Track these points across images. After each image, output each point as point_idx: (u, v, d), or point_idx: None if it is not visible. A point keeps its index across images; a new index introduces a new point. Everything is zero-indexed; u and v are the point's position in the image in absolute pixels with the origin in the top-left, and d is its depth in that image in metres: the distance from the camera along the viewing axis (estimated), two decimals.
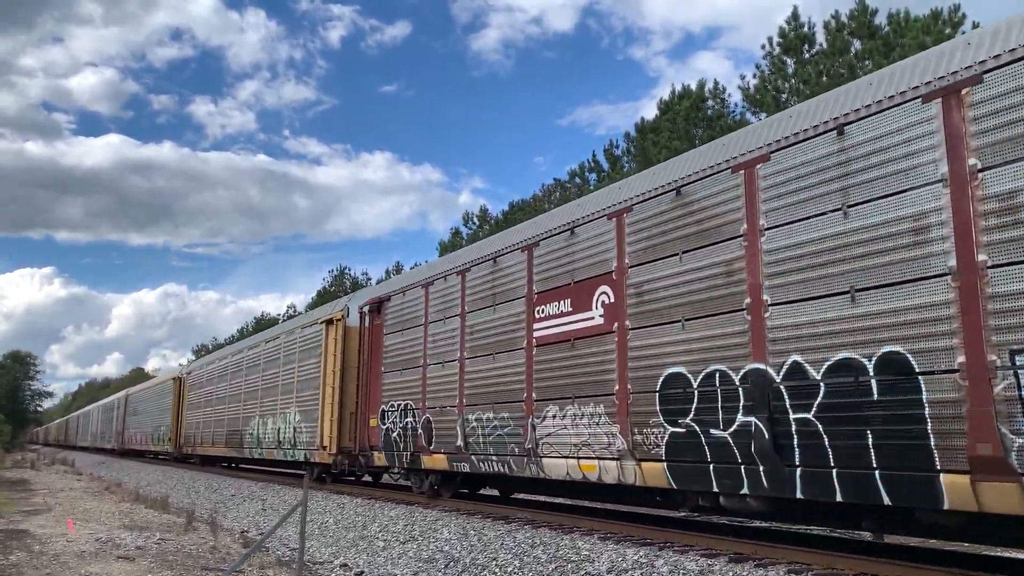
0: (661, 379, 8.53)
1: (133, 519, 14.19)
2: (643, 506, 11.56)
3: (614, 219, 9.48)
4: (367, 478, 19.08)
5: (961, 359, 5.78)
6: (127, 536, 11.54)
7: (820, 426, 6.82)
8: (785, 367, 7.14)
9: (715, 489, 7.93)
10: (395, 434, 14.34)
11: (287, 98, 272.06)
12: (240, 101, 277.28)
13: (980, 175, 5.80)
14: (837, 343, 6.68)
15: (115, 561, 9.57)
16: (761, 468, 7.36)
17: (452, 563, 9.33)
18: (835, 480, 6.67)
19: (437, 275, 13.54)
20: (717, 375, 7.86)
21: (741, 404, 7.58)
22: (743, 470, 7.56)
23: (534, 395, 10.55)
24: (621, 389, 9.05)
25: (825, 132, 7.02)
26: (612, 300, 9.36)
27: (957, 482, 5.82)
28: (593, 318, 9.65)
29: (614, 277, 9.35)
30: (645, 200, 9.05)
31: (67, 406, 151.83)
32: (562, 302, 10.22)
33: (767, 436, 7.24)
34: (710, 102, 29.25)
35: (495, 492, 14.89)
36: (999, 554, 8.56)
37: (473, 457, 11.84)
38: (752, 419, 7.44)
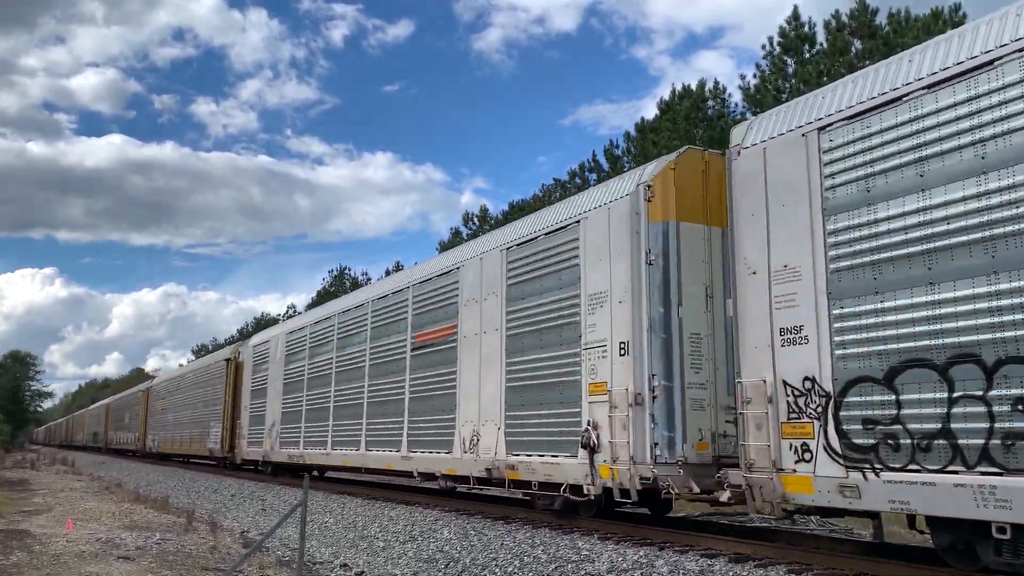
0: None
1: (133, 519, 14.19)
2: None
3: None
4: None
5: None
6: (127, 536, 11.54)
7: None
8: None
9: None
10: None
11: (289, 98, 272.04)
12: (242, 101, 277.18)
13: None
14: None
15: (115, 561, 9.57)
16: None
17: (452, 563, 9.33)
18: None
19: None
20: None
21: None
22: None
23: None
24: None
25: None
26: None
27: None
28: None
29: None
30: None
31: (67, 406, 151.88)
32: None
33: None
34: (710, 102, 29.24)
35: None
36: None
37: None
38: None
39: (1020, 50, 5.85)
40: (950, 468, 5.95)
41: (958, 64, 6.26)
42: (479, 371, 12.12)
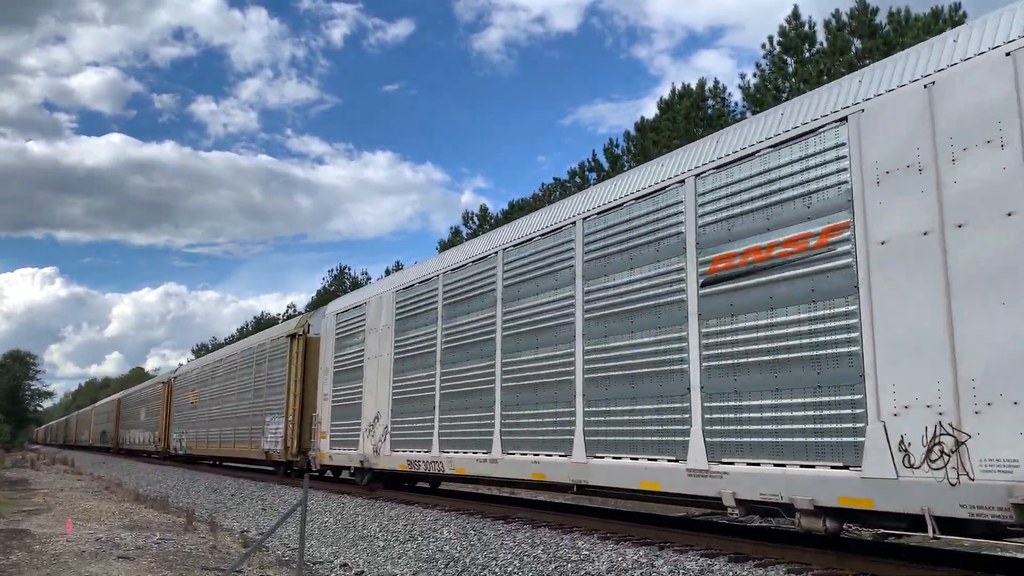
0: None
1: (133, 519, 14.18)
2: None
3: None
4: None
5: None
6: (127, 536, 11.53)
7: None
8: None
9: None
10: None
11: (289, 97, 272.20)
12: (242, 100, 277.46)
13: None
14: None
15: (115, 561, 9.56)
16: None
17: (452, 563, 9.33)
18: None
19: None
20: None
21: None
22: None
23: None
24: None
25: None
26: None
27: None
28: None
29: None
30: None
31: (67, 406, 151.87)
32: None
33: None
34: (710, 101, 29.25)
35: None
36: (999, 554, 8.56)
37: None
38: None
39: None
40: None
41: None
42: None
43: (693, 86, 29.65)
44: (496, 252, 12.09)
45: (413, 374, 14.11)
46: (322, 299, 55.32)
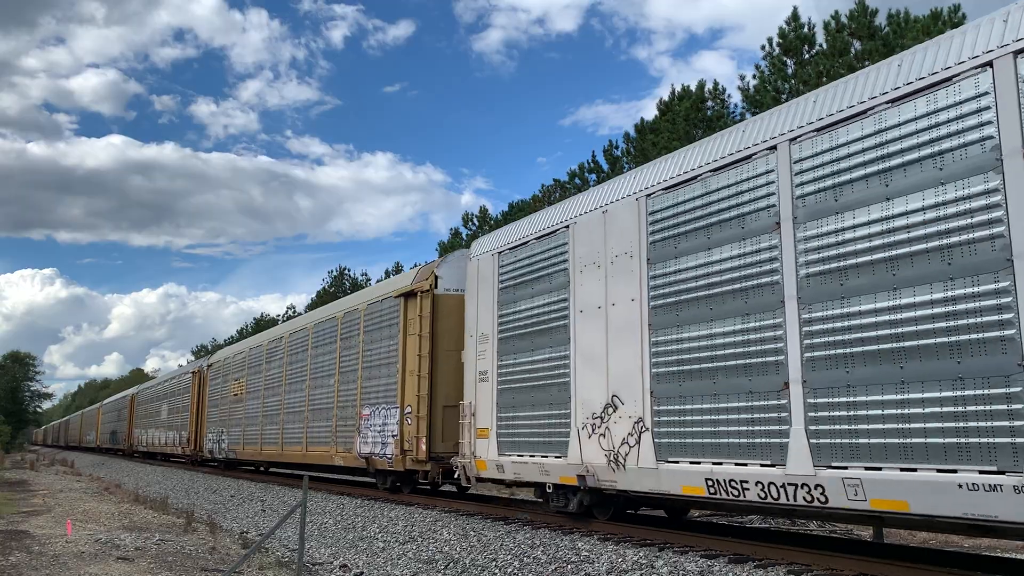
0: None
1: (132, 520, 14.17)
2: None
3: None
4: None
5: None
6: (126, 537, 11.52)
7: None
8: None
9: None
10: None
11: (289, 98, 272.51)
12: (242, 101, 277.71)
13: None
14: None
15: (114, 562, 9.55)
16: None
17: (452, 564, 9.32)
18: None
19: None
20: None
21: None
22: None
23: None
24: None
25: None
26: None
27: None
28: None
29: None
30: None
31: (66, 407, 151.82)
32: None
33: None
34: (710, 103, 29.25)
35: None
36: (998, 554, 8.56)
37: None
38: None
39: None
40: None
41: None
42: None
43: (693, 87, 29.66)
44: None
45: (704, 328, 8.51)
46: (322, 299, 54.43)
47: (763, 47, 26.26)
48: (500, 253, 12.25)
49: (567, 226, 10.82)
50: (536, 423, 10.98)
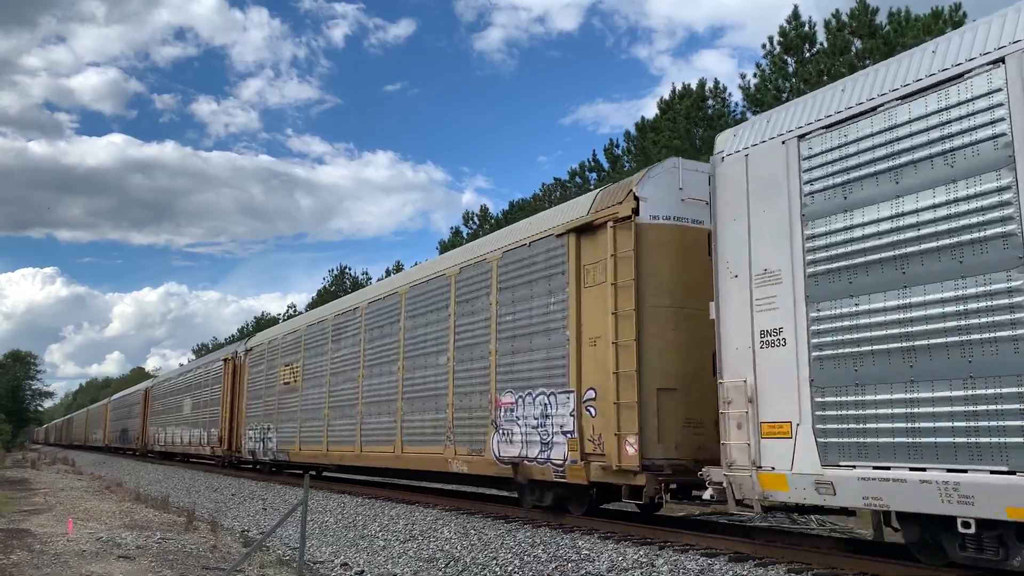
0: None
1: (134, 518, 14.19)
2: None
3: None
4: None
5: None
6: (128, 535, 11.54)
7: None
8: None
9: None
10: None
11: (290, 97, 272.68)
12: (243, 100, 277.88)
13: None
14: None
15: (116, 560, 9.57)
16: None
17: (453, 562, 9.33)
18: None
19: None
20: None
21: None
22: None
23: None
24: None
25: None
26: None
27: None
28: None
29: None
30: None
31: (67, 405, 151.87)
32: None
33: None
34: (711, 101, 29.24)
35: None
36: None
37: None
38: None
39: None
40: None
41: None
42: None
43: (694, 86, 29.66)
44: None
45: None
46: (323, 298, 54.42)
47: (764, 46, 26.25)
48: (805, 138, 7.57)
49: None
50: (930, 411, 6.26)
